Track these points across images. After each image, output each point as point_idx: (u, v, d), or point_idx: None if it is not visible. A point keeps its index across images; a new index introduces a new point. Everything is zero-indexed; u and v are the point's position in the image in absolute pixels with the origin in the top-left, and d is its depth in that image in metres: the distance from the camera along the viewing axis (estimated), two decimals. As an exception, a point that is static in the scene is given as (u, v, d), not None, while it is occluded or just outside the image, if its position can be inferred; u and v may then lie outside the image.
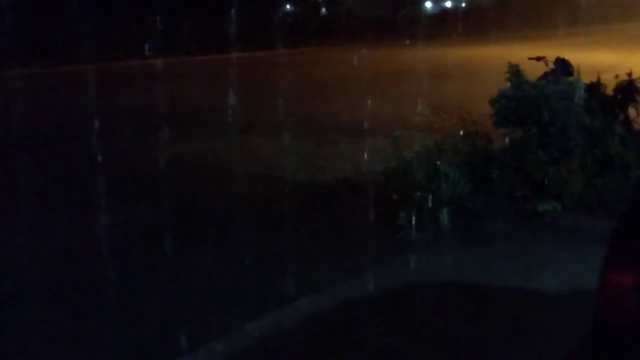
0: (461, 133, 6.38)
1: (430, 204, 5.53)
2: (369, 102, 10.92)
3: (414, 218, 5.46)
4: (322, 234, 5.40)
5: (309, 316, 4.07)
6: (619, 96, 6.17)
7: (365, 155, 7.66)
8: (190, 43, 17.26)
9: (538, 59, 6.56)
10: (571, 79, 6.22)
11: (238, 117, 9.70)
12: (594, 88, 6.20)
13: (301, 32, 20.60)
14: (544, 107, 5.82)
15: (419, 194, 5.59)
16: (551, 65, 6.52)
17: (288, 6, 26.21)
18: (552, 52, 6.88)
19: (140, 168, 7.60)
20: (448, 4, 31.37)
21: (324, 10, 27.64)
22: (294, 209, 5.90)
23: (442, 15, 28.37)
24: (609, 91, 6.25)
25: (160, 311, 4.18)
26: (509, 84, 6.21)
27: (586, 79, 6.32)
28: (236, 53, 16.93)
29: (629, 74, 6.22)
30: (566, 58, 6.60)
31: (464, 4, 31.38)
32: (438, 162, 5.79)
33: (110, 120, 9.31)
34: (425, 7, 29.97)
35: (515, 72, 6.20)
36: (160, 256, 4.91)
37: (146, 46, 15.00)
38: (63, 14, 15.65)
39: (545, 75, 6.44)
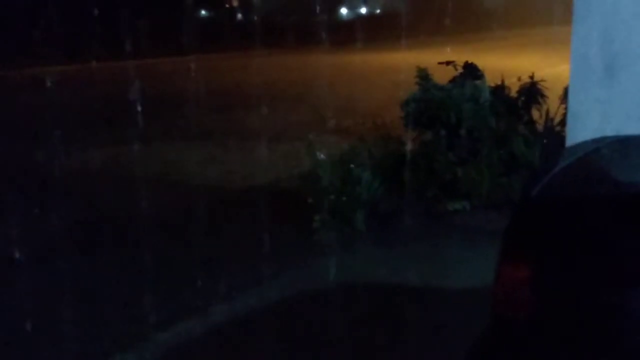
0: (374, 136, 6.50)
1: (344, 207, 5.60)
2: (284, 107, 10.95)
3: (328, 221, 5.51)
4: (235, 240, 5.36)
5: (221, 324, 4.05)
6: (522, 98, 6.42)
7: (281, 161, 7.66)
8: (98, 49, 16.78)
9: (447, 63, 6.77)
10: (477, 82, 6.43)
11: (141, 125, 9.51)
12: (499, 91, 6.43)
13: (215, 38, 20.44)
14: (451, 110, 5.99)
15: (333, 197, 5.64)
16: (460, 69, 6.73)
17: (203, 12, 25.99)
18: (462, 56, 7.09)
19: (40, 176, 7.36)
20: (363, 11, 31.84)
21: (239, 15, 27.55)
22: (208, 216, 5.83)
23: (357, 21, 28.77)
24: (513, 93, 6.49)
25: (70, 323, 4.05)
26: (418, 88, 6.37)
27: (493, 82, 6.55)
28: (145, 59, 16.62)
29: (532, 77, 6.49)
30: (474, 62, 6.83)
31: (378, 11, 31.93)
32: (352, 165, 5.86)
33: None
34: (341, 14, 30.32)
35: (423, 76, 6.37)
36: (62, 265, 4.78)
37: (50, 52, 14.51)
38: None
39: (454, 79, 6.64)
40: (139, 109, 10.30)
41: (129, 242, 5.33)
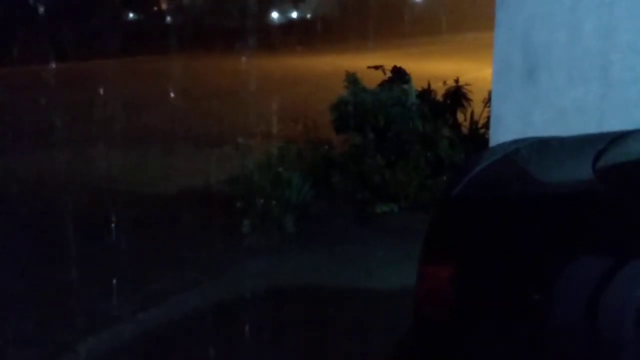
0: (304, 139, 6.50)
1: (274, 211, 5.57)
2: (213, 111, 10.84)
3: (258, 225, 5.47)
4: (162, 246, 5.24)
5: (143, 333, 3.96)
6: (447, 101, 6.56)
7: (210, 165, 7.56)
8: (16, 53, 16.24)
9: (376, 67, 6.86)
10: (405, 86, 6.52)
11: (60, 129, 9.26)
12: (425, 94, 6.54)
13: (142, 41, 20.08)
14: (379, 113, 6.06)
15: (262, 201, 5.61)
16: (388, 74, 6.82)
17: (131, 14, 25.52)
18: (391, 61, 7.18)
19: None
20: (294, 15, 31.92)
21: (169, 19, 27.18)
22: (133, 223, 5.69)
23: (288, 26, 28.81)
24: (439, 97, 6.62)
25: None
26: (347, 92, 6.41)
27: (420, 86, 6.65)
28: (69, 63, 16.17)
29: (456, 81, 6.63)
30: (402, 67, 6.93)
31: (309, 15, 32.06)
32: (280, 169, 5.84)
33: None
34: (272, 18, 30.30)
35: (352, 80, 6.42)
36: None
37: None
38: None
39: (382, 82, 6.72)
40: (58, 114, 10.03)
41: (51, 248, 5.16)
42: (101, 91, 12.30)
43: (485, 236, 2.20)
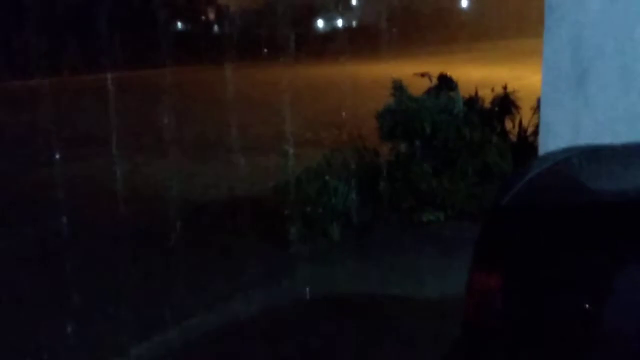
0: (350, 148, 6.51)
1: (320, 218, 5.60)
2: (262, 119, 10.95)
3: (304, 232, 5.50)
4: (212, 252, 5.33)
5: (199, 336, 4.02)
6: (495, 109, 6.48)
7: (257, 172, 7.65)
8: (70, 62, 16.71)
9: (423, 75, 6.81)
10: (451, 93, 6.48)
11: (120, 137, 9.48)
12: (473, 102, 6.48)
13: (191, 51, 20.43)
14: (426, 121, 6.03)
15: (309, 208, 5.64)
16: (435, 81, 6.78)
17: (179, 24, 25.97)
18: (437, 68, 7.15)
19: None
20: (339, 23, 32.04)
21: (216, 28, 27.55)
22: (185, 228, 5.79)
23: (333, 34, 28.94)
24: (487, 104, 6.55)
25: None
26: (393, 99, 6.40)
27: (467, 93, 6.61)
28: (120, 72, 16.56)
29: (505, 88, 6.56)
30: (449, 74, 6.88)
31: (354, 23, 32.13)
32: (327, 177, 5.87)
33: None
34: (317, 26, 30.48)
35: (398, 87, 6.40)
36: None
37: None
38: None
39: (429, 90, 6.69)
40: (112, 122, 10.28)
41: (100, 253, 5.30)
42: (156, 99, 12.57)
43: (535, 245, 2.18)
